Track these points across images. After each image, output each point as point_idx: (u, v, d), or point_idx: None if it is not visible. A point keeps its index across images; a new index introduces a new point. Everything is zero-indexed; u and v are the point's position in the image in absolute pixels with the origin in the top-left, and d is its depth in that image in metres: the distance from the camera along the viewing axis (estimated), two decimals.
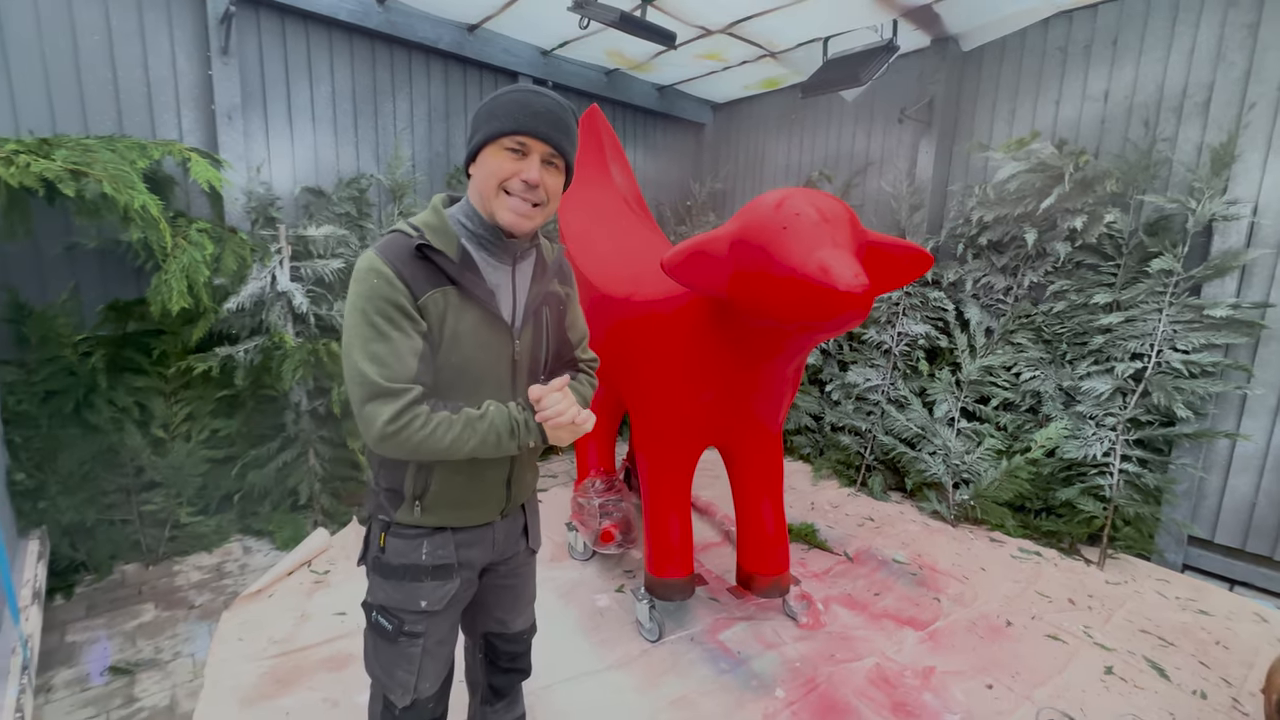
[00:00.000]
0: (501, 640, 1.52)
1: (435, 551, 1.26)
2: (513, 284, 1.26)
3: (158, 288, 2.56)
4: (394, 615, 1.26)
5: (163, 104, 3.15)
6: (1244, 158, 2.87)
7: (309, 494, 3.21)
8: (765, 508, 2.44)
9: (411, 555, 1.25)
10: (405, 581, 1.26)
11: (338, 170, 3.79)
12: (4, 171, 2.16)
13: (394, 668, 1.29)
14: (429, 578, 1.26)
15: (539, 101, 1.15)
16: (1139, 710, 2.13)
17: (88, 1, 2.90)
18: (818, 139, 4.90)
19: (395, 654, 1.28)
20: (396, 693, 1.29)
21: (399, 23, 3.73)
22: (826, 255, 1.55)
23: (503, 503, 1.34)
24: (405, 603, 1.26)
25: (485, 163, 1.16)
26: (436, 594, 1.27)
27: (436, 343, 1.16)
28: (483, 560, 1.35)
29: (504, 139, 1.14)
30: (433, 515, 1.26)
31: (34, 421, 2.65)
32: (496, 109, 1.15)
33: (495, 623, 1.50)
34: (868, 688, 2.21)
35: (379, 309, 1.09)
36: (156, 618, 2.50)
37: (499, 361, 1.23)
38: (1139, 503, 3.11)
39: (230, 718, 1.95)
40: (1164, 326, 3.04)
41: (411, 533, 1.26)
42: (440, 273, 1.15)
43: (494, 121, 1.14)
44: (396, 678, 1.29)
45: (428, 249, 1.13)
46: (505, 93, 1.17)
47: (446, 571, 1.28)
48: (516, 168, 1.15)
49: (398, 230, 1.17)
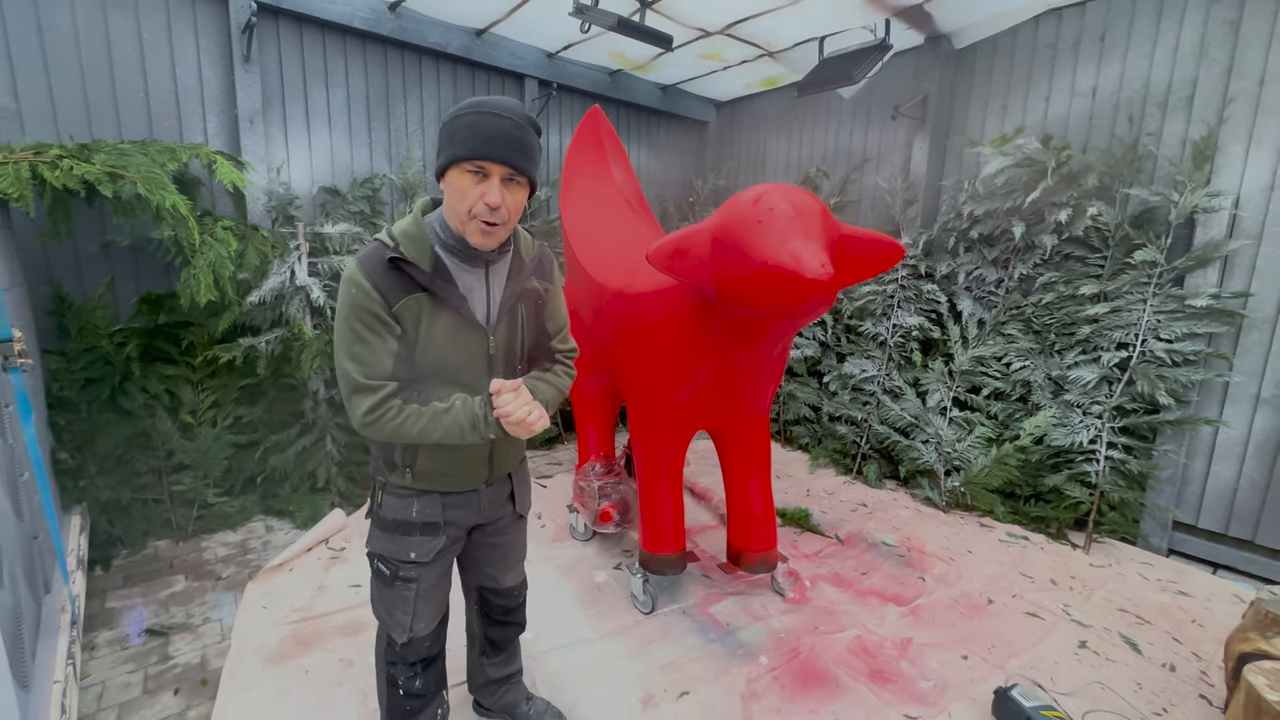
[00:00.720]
0: (493, 595, 1.70)
1: (424, 511, 1.44)
2: (486, 285, 1.38)
3: (187, 282, 2.75)
4: (390, 562, 1.45)
5: (190, 109, 3.35)
6: (1226, 151, 2.94)
7: (326, 477, 3.40)
8: (753, 487, 2.58)
9: (403, 513, 1.43)
10: (397, 535, 1.44)
11: (352, 170, 3.98)
12: (49, 174, 2.36)
13: (393, 609, 1.48)
14: (418, 533, 1.44)
15: (494, 124, 1.18)
16: (1107, 680, 2.24)
17: (121, 15, 3.10)
18: (816, 136, 5.00)
19: (393, 597, 1.47)
20: (396, 630, 1.48)
21: (410, 28, 3.90)
22: (797, 246, 1.68)
23: (486, 474, 1.50)
24: (398, 553, 1.44)
25: (451, 183, 1.24)
26: (424, 547, 1.45)
27: (413, 342, 1.30)
28: (469, 521, 1.53)
29: (465, 163, 1.20)
30: (421, 481, 1.43)
31: (75, 406, 2.86)
32: (456, 132, 1.20)
33: (486, 578, 1.68)
34: (848, 656, 2.34)
35: (358, 316, 1.24)
36: (187, 588, 2.69)
37: (474, 357, 1.37)
38: (1124, 488, 3.20)
39: (256, 673, 2.13)
40: (1148, 316, 3.12)
41: (403, 493, 1.43)
42: (413, 281, 1.27)
43: (454, 146, 1.20)
44: (395, 618, 1.48)
45: (400, 261, 1.25)
46: (463, 113, 1.21)
47: (434, 529, 1.45)
48: (479, 190, 1.21)
49: (379, 240, 1.28)
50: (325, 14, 3.59)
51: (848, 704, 2.09)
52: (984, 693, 2.13)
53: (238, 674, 2.13)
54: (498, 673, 1.84)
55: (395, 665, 1.53)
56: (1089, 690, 2.18)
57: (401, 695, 1.55)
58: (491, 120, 1.19)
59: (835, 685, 2.18)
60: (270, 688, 2.06)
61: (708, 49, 4.34)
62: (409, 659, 1.52)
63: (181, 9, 3.25)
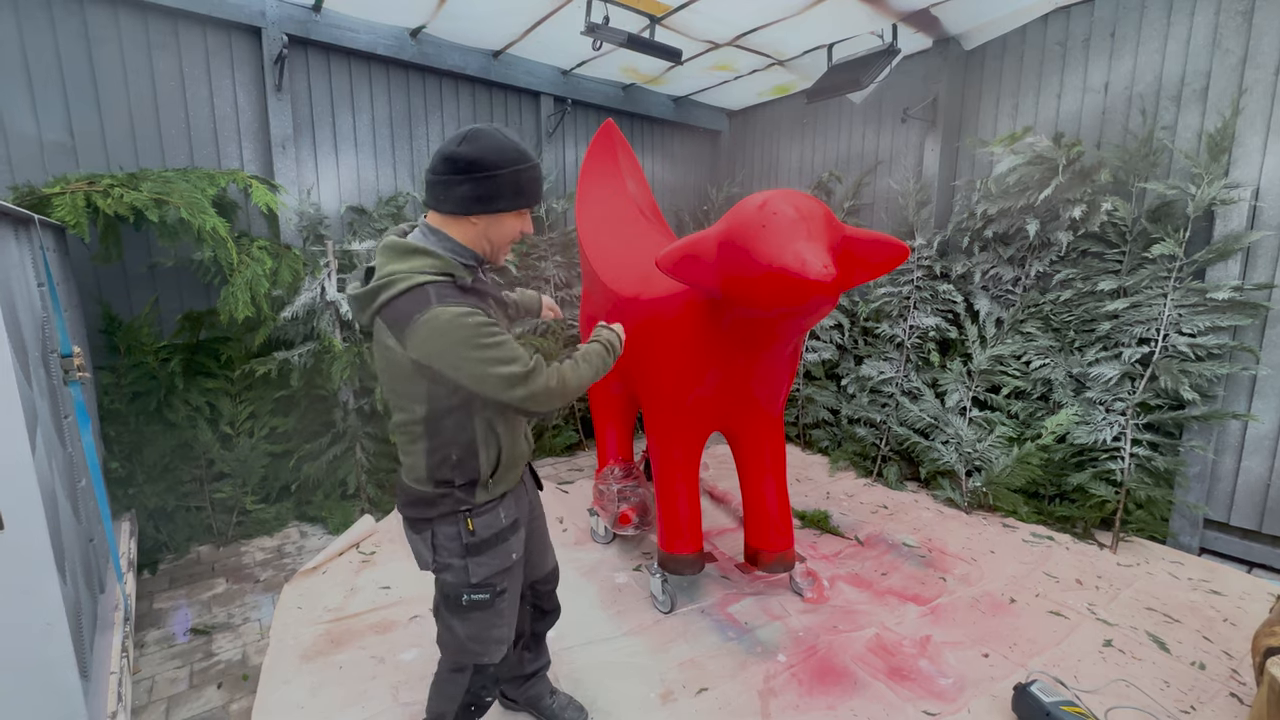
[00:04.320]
0: (542, 582, 1.84)
1: (509, 511, 1.54)
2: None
3: (226, 299, 2.92)
4: (488, 584, 1.49)
5: (227, 137, 3.55)
6: (1243, 142, 2.91)
7: (356, 484, 3.54)
8: (769, 487, 2.62)
9: (495, 524, 1.49)
10: (498, 547, 1.50)
11: (378, 190, 4.16)
12: (102, 202, 2.54)
13: (489, 629, 1.52)
14: (511, 534, 1.53)
15: (539, 175, 1.44)
16: (1132, 678, 2.21)
17: (165, 53, 3.32)
18: (829, 141, 5.04)
19: (491, 618, 1.51)
20: (493, 651, 1.54)
21: (430, 53, 4.08)
22: (801, 248, 1.74)
23: (528, 454, 1.63)
24: (501, 564, 1.50)
25: (505, 223, 1.43)
26: (519, 543, 1.56)
27: None
28: (529, 508, 1.68)
29: (525, 209, 1.44)
30: (500, 485, 1.51)
31: (123, 419, 3.04)
32: (523, 185, 1.39)
33: (535, 569, 1.79)
34: (866, 654, 2.35)
35: (482, 333, 1.29)
36: (228, 590, 2.83)
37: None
38: (1150, 486, 3.14)
39: (293, 668, 2.24)
40: (1169, 311, 3.08)
41: (489, 507, 1.49)
42: (477, 292, 1.42)
43: (521, 197, 1.40)
44: (493, 636, 1.53)
45: (465, 286, 1.37)
46: (529, 168, 1.39)
47: (518, 524, 1.56)
48: (520, 224, 1.46)
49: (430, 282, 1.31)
50: (351, 43, 3.78)
51: (866, 700, 2.11)
52: (1004, 690, 2.12)
53: (276, 669, 2.24)
54: (532, 666, 1.93)
55: (485, 689, 1.60)
56: (1113, 688, 2.16)
57: (473, 712, 1.63)
58: (538, 170, 1.43)
59: (853, 682, 2.20)
60: (307, 682, 2.17)
61: (718, 60, 4.43)
62: (501, 676, 1.61)
63: (219, 45, 3.46)
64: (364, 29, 3.79)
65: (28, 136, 2.98)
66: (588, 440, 4.91)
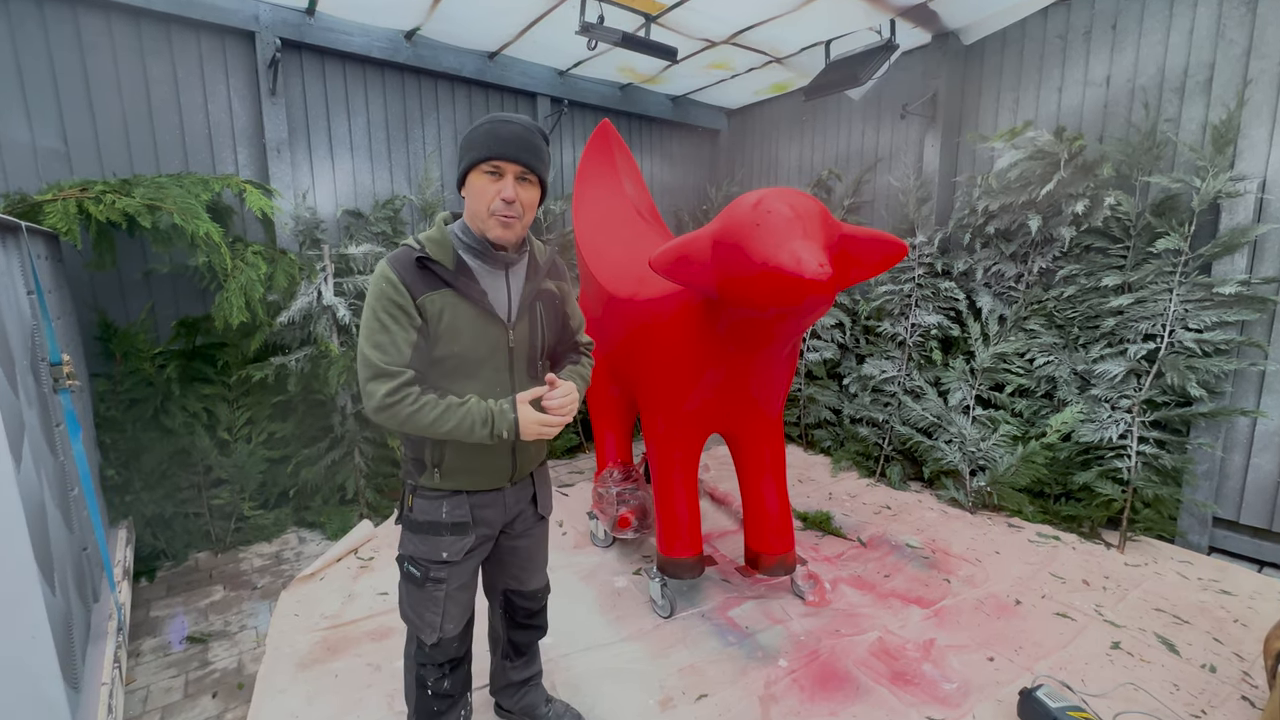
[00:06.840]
0: (519, 597, 1.75)
1: (453, 511, 1.50)
2: (507, 284, 1.49)
3: (220, 305, 2.90)
4: (420, 564, 1.51)
5: (221, 142, 3.54)
6: (1249, 134, 2.86)
7: (355, 489, 3.52)
8: (768, 489, 2.58)
9: (433, 514, 1.49)
10: (429, 535, 1.50)
11: (374, 193, 4.14)
12: (94, 209, 2.52)
13: (423, 610, 1.53)
14: (448, 533, 1.50)
15: (507, 129, 1.35)
16: (1141, 682, 2.17)
17: (158, 58, 3.31)
18: (828, 138, 5.01)
19: (423, 598, 1.52)
20: (425, 632, 1.53)
21: (425, 55, 4.06)
22: (796, 247, 1.71)
23: (509, 471, 1.56)
24: (429, 553, 1.49)
25: (471, 186, 1.39)
26: (455, 546, 1.50)
27: (436, 334, 1.39)
28: (496, 521, 1.58)
29: (482, 165, 1.35)
30: (450, 480, 1.49)
31: (120, 426, 3.03)
32: (474, 139, 1.37)
33: (512, 580, 1.73)
34: (869, 659, 2.31)
35: (384, 307, 1.34)
36: (225, 597, 2.81)
37: (496, 351, 1.47)
38: (1158, 484, 3.09)
39: (289, 677, 2.22)
40: (1175, 306, 3.04)
41: (433, 494, 1.50)
42: (438, 278, 1.39)
43: (472, 151, 1.36)
44: (425, 619, 1.53)
45: (426, 259, 1.38)
46: (480, 124, 1.38)
47: (463, 528, 1.51)
48: (496, 188, 1.36)
49: (406, 244, 1.42)
50: (345, 46, 3.77)
51: (868, 706, 2.07)
52: (1009, 694, 2.09)
53: (272, 678, 2.21)
54: (519, 675, 1.88)
55: (425, 667, 1.59)
56: (1122, 692, 2.11)
57: (430, 696, 1.61)
58: (504, 126, 1.35)
59: (856, 687, 2.16)
60: (302, 691, 2.14)
61: (715, 58, 4.40)
62: (438, 660, 1.57)
63: (212, 50, 3.45)
64: (358, 32, 3.78)
65: (21, 143, 2.97)
66: (588, 444, 4.88)
